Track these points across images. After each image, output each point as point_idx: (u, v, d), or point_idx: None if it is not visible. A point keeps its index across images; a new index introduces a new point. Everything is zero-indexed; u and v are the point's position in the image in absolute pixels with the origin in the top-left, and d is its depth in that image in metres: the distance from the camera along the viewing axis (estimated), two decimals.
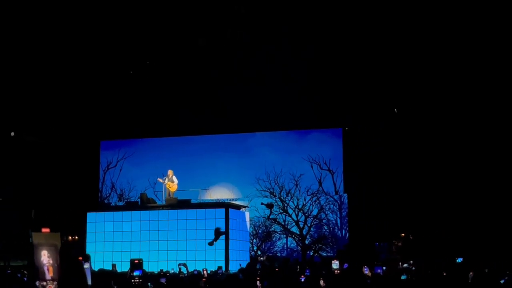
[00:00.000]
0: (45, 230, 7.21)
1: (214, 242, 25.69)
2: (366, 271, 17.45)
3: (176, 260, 27.05)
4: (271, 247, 36.07)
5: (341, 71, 30.46)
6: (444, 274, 15.39)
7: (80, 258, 5.76)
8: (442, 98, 28.77)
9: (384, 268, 18.48)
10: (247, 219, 30.47)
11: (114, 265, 25.11)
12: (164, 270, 23.80)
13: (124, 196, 36.34)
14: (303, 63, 30.98)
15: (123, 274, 14.52)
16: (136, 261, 9.34)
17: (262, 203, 33.56)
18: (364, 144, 31.17)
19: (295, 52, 30.80)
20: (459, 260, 16.92)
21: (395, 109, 30.25)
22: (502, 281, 13.81)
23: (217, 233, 26.43)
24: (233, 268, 26.31)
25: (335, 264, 18.25)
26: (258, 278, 13.97)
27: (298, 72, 31.14)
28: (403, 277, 15.07)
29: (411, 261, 20.99)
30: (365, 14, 29.38)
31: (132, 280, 8.95)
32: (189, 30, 31.56)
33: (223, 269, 25.69)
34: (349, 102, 31.05)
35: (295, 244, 35.79)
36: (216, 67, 32.22)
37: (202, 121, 33.67)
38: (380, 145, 29.88)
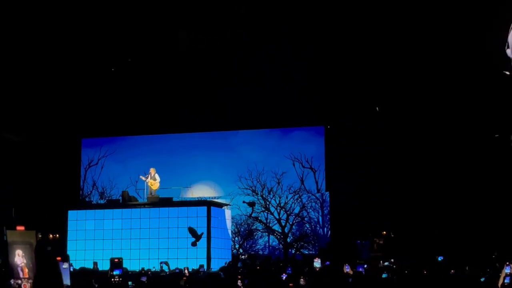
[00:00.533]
0: (20, 228, 7.09)
1: (197, 242, 25.54)
2: (347, 269, 17.45)
3: (158, 259, 26.93)
4: (253, 245, 36.02)
5: (323, 69, 30.47)
6: (425, 272, 15.42)
7: (59, 258, 5.67)
8: (424, 98, 28.83)
9: (365, 266, 18.49)
10: (229, 217, 30.42)
11: (95, 263, 24.98)
12: (145, 269, 23.69)
13: (105, 194, 36.16)
14: (287, 61, 30.97)
15: (104, 273, 14.41)
16: (116, 260, 9.24)
17: (244, 202, 33.51)
18: (346, 143, 31.20)
19: (281, 51, 30.79)
20: (440, 258, 16.95)
21: (377, 108, 30.31)
22: (482, 279, 13.86)
23: (194, 233, 26.27)
24: (215, 266, 26.25)
25: (317, 263, 18.22)
26: (239, 277, 13.91)
27: (281, 71, 31.13)
28: (384, 275, 15.07)
29: (392, 260, 21.01)
30: (343, 13, 29.44)
31: (112, 279, 8.83)
32: (175, 28, 31.49)
33: (205, 267, 25.64)
34: (332, 100, 31.07)
35: (277, 242, 35.78)
36: (200, 65, 32.13)
37: (184, 119, 33.55)
38: (362, 143, 29.92)
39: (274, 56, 31.01)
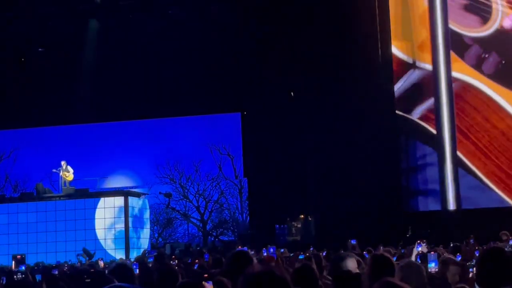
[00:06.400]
0: None
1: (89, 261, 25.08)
2: (264, 253, 17.54)
3: (75, 251, 26.64)
4: (172, 234, 35.94)
5: (238, 54, 30.46)
6: (342, 251, 15.62)
7: None
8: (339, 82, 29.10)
9: (282, 250, 18.64)
10: (147, 206, 30.24)
11: None
12: (61, 262, 23.31)
13: (18, 187, 35.33)
14: (201, 47, 30.84)
15: (9, 268, 14.07)
16: (18, 257, 8.96)
17: (160, 193, 33.28)
18: (262, 128, 31.22)
19: (192, 36, 30.63)
20: (353, 242, 17.29)
21: (292, 93, 30.47)
22: (394, 258, 14.12)
23: (87, 253, 25.99)
24: (134, 256, 26.08)
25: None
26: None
27: (195, 57, 30.97)
28: (301, 256, 15.19)
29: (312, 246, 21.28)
30: None
31: (15, 276, 8.58)
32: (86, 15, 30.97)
33: (124, 258, 25.43)
34: (247, 86, 31.09)
35: (197, 229, 35.78)
36: (112, 53, 31.65)
37: (98, 108, 33.01)
38: (278, 128, 30.02)
39: (186, 41, 30.82)
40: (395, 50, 29.04)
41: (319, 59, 28.86)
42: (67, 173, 28.24)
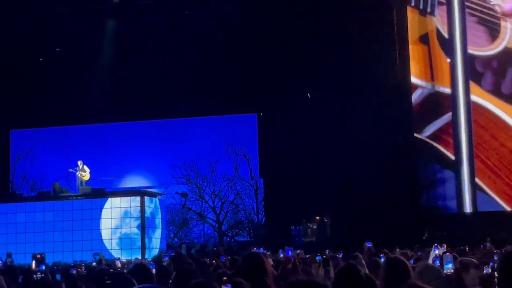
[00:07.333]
0: None
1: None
2: (281, 254, 17.52)
3: (91, 250, 26.69)
4: (188, 234, 35.99)
5: (255, 55, 30.45)
6: (358, 253, 15.59)
7: None
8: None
9: (298, 252, 18.60)
10: (159, 206, 30.28)
11: (9, 254, 24.63)
12: (78, 261, 23.37)
13: (36, 186, 35.51)
14: (218, 47, 30.86)
15: (26, 267, 14.12)
16: (38, 256, 8.98)
17: (176, 192, 33.30)
18: (278, 129, 31.21)
19: (209, 37, 30.65)
20: (369, 244, 17.23)
21: (308, 94, 30.43)
22: (411, 261, 14.09)
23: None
24: (150, 256, 26.14)
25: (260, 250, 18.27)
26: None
27: (212, 57, 30.99)
28: (318, 258, 15.14)
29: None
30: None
31: (34, 276, 8.61)
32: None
33: (140, 257, 25.47)
34: (263, 87, 31.07)
35: (212, 230, 35.81)
36: (130, 54, 31.74)
37: (114, 108, 33.05)
38: (294, 129, 29.99)
39: (203, 42, 30.86)
40: (414, 80, 28.95)
41: (336, 65, 28.76)
42: (84, 173, 28.37)
